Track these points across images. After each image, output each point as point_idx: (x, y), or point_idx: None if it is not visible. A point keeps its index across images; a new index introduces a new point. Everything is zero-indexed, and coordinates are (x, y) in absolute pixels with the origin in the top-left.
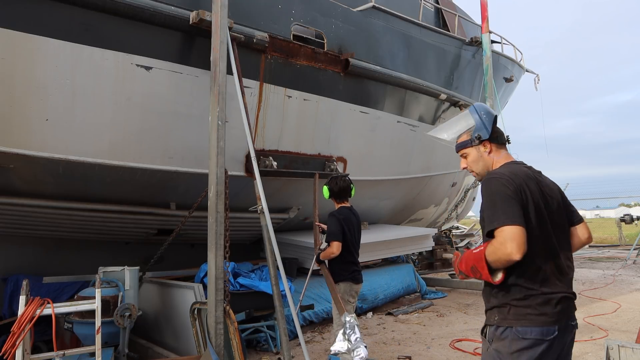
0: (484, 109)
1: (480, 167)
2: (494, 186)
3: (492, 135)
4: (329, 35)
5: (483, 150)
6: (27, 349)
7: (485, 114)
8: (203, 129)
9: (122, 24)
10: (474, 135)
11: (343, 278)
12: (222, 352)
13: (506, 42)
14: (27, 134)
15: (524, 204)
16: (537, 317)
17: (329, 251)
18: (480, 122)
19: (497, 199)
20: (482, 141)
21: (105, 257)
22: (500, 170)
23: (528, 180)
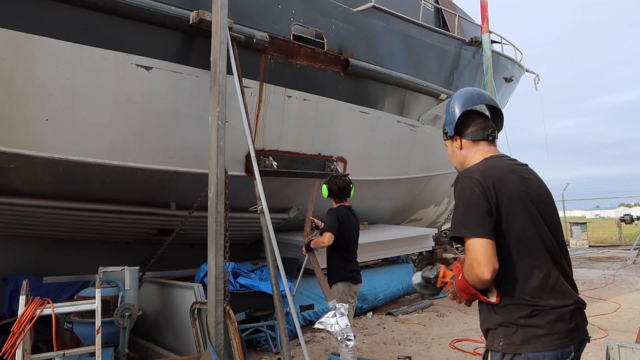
0: (462, 97)
1: (455, 163)
2: (459, 187)
3: (461, 130)
4: (329, 35)
5: (455, 146)
6: (27, 349)
7: (459, 104)
8: (203, 129)
9: (122, 24)
10: (443, 130)
11: (342, 278)
12: (222, 352)
13: (506, 42)
14: (27, 134)
15: (495, 206)
16: (550, 338)
17: (319, 240)
18: (448, 116)
19: (460, 202)
20: (450, 136)
21: (105, 257)
22: (473, 168)
23: (508, 175)
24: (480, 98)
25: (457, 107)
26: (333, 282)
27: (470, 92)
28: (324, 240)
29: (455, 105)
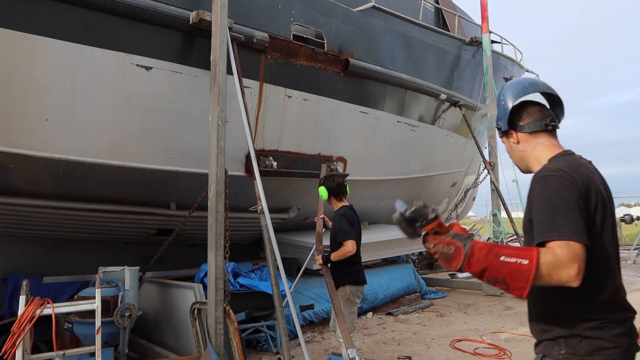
0: (512, 88)
1: (515, 160)
2: (554, 186)
3: (515, 123)
4: (329, 35)
5: (512, 141)
6: (27, 349)
7: (510, 95)
8: (203, 129)
9: (122, 24)
10: (496, 126)
11: (349, 280)
12: (222, 352)
13: (506, 42)
14: (27, 134)
15: (588, 213)
16: (615, 352)
17: (344, 250)
18: (500, 109)
19: (559, 203)
20: (505, 132)
21: (105, 257)
22: (557, 166)
23: (592, 176)
24: (533, 86)
25: (508, 98)
26: (341, 284)
27: (521, 81)
28: (349, 249)
29: (506, 97)
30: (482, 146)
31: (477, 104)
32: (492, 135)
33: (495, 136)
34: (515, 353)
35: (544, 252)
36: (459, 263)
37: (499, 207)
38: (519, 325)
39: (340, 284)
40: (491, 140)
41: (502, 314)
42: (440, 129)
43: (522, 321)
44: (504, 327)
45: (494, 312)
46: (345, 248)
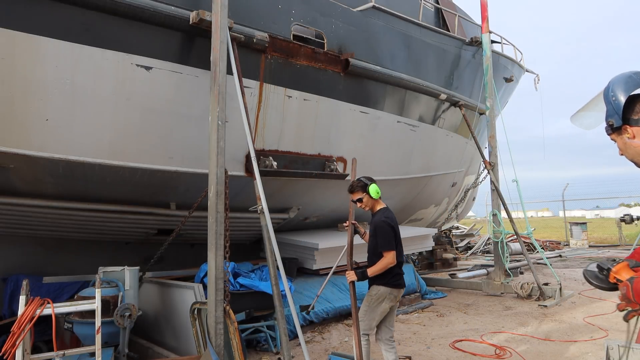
0: (622, 84)
1: (630, 155)
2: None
3: (629, 117)
4: (329, 35)
5: (626, 137)
6: (27, 349)
7: (620, 91)
8: (203, 129)
9: (122, 24)
10: (607, 122)
11: (384, 282)
12: (222, 352)
13: (506, 42)
14: (27, 134)
15: None
16: None
17: (385, 262)
18: (610, 106)
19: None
20: (617, 128)
21: (105, 257)
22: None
23: None
24: (627, 84)
25: (619, 93)
26: (375, 283)
27: (627, 74)
28: (389, 261)
29: (617, 92)
30: (482, 146)
31: (477, 104)
32: (492, 135)
33: (495, 136)
34: (515, 353)
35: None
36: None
37: (499, 207)
38: (519, 325)
39: (373, 283)
40: (491, 140)
41: (502, 314)
42: (440, 129)
43: (522, 321)
44: (504, 327)
45: (494, 312)
46: (386, 260)
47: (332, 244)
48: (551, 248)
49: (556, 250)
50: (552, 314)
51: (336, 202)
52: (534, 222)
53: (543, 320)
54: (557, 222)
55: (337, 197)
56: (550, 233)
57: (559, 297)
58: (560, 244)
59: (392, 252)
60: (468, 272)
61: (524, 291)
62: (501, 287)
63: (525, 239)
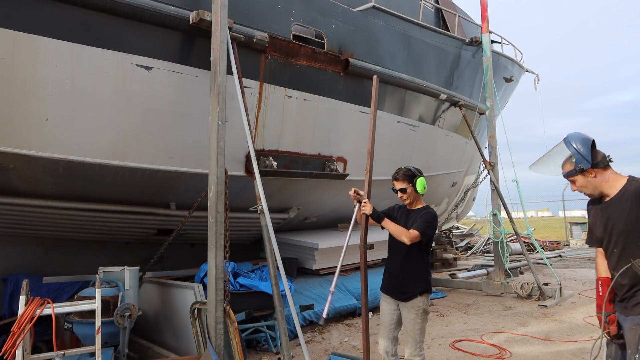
0: (579, 140)
1: (590, 190)
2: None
3: (593, 163)
4: (329, 35)
5: (590, 177)
6: (27, 349)
7: (581, 145)
8: (203, 129)
9: (122, 24)
10: (577, 167)
11: (427, 286)
12: (222, 352)
13: (506, 42)
14: (27, 134)
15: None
16: None
17: (407, 234)
18: (578, 155)
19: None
20: (584, 170)
21: (105, 257)
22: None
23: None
24: (589, 138)
25: (581, 146)
26: (417, 292)
27: (582, 135)
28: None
29: (580, 145)
30: (482, 146)
31: (477, 104)
32: (492, 135)
33: (495, 136)
34: (515, 353)
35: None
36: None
37: (499, 207)
38: (519, 325)
39: (415, 293)
40: (491, 141)
41: (502, 314)
42: (440, 129)
43: (522, 321)
44: (504, 327)
45: (494, 312)
46: (410, 234)
47: (332, 244)
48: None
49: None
50: (552, 314)
51: (336, 202)
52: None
53: (543, 320)
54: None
55: (337, 197)
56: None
57: (559, 297)
58: (560, 244)
59: (419, 237)
60: (468, 272)
61: (524, 291)
62: (501, 287)
63: (525, 239)
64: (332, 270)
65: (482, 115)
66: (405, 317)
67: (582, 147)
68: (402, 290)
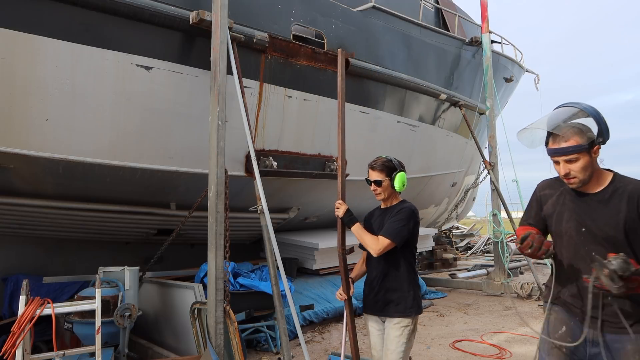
0: (595, 111)
1: (587, 175)
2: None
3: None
4: (329, 35)
5: (594, 156)
6: (27, 349)
7: (601, 114)
8: (203, 129)
9: (122, 24)
10: (597, 140)
11: (418, 307)
12: (222, 352)
13: (506, 42)
14: (27, 134)
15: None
16: None
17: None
18: (601, 125)
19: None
20: (596, 145)
21: (105, 257)
22: None
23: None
24: None
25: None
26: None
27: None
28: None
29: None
30: (482, 146)
31: (477, 104)
32: (492, 135)
33: (495, 136)
34: (515, 353)
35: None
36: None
37: (499, 207)
38: (519, 325)
39: (405, 313)
40: (491, 141)
41: (502, 314)
42: (440, 129)
43: (521, 321)
44: (504, 327)
45: (494, 312)
46: (379, 245)
47: (332, 244)
48: None
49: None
50: None
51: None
52: None
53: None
54: None
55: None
56: None
57: None
58: None
59: (392, 244)
60: (468, 272)
61: (524, 291)
62: (501, 287)
63: None
64: (332, 270)
65: (482, 115)
66: (389, 333)
67: (602, 116)
68: (386, 302)
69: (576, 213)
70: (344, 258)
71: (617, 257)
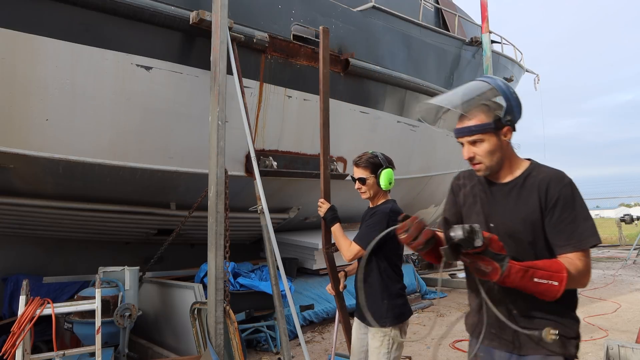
0: (505, 84)
1: (495, 160)
2: (578, 191)
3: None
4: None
5: (504, 139)
6: (27, 349)
7: (512, 90)
8: (203, 129)
9: (122, 24)
10: (503, 119)
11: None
12: (222, 352)
13: (506, 42)
14: (27, 134)
15: None
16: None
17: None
18: (511, 101)
19: (582, 207)
20: (505, 126)
21: (105, 257)
22: (564, 172)
23: None
24: None
25: (512, 90)
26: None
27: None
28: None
29: (510, 89)
30: None
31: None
32: None
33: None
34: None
35: (572, 268)
36: (493, 279)
37: None
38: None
39: (379, 323)
40: None
41: None
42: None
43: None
44: None
45: None
46: (348, 251)
47: None
48: None
49: None
50: None
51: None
52: None
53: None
54: None
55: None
56: None
57: None
58: None
59: (362, 251)
60: None
61: None
62: None
63: None
64: None
65: None
66: (370, 344)
67: (513, 92)
68: (363, 310)
69: (485, 206)
70: (329, 257)
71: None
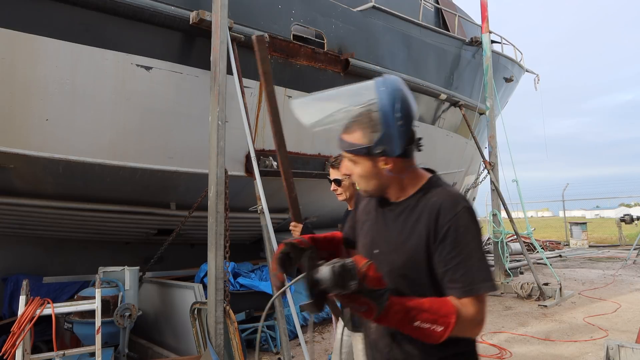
0: (403, 97)
1: (371, 186)
2: (471, 220)
3: (405, 148)
4: (329, 35)
5: (383, 167)
6: (27, 349)
7: (404, 107)
8: (203, 129)
9: (122, 24)
10: (375, 147)
11: None
12: (222, 352)
13: (506, 42)
14: (27, 134)
15: None
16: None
17: None
18: (391, 127)
19: (477, 242)
20: (383, 157)
21: (105, 257)
22: (458, 192)
23: None
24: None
25: (411, 110)
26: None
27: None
28: None
29: (409, 109)
30: (482, 146)
31: (477, 104)
32: (492, 135)
33: (495, 136)
34: (515, 353)
35: (461, 314)
36: (369, 318)
37: (499, 207)
38: (519, 325)
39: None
40: (491, 140)
41: (502, 314)
42: (440, 129)
43: (522, 321)
44: (504, 327)
45: (494, 312)
46: None
47: None
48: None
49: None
50: (552, 314)
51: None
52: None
53: (543, 320)
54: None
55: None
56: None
57: (559, 297)
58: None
59: None
60: None
61: (524, 291)
62: (501, 287)
63: (525, 239)
64: None
65: (482, 115)
66: (355, 346)
67: (403, 112)
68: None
69: (374, 227)
70: None
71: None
